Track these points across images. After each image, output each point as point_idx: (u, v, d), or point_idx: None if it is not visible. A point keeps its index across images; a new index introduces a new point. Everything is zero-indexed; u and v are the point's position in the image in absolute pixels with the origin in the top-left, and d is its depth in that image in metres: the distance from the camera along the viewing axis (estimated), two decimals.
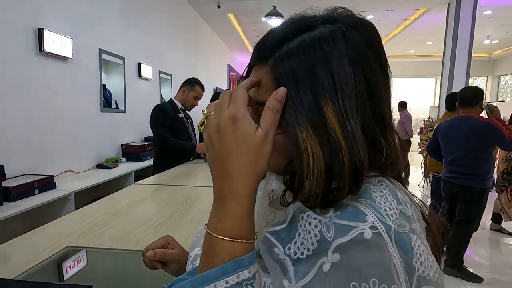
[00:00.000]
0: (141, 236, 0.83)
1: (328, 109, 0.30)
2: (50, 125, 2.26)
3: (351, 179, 0.31)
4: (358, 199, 0.31)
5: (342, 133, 0.30)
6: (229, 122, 0.30)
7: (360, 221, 0.29)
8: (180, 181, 1.46)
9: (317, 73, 0.31)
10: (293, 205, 0.34)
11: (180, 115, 2.25)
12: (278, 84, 0.32)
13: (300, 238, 0.31)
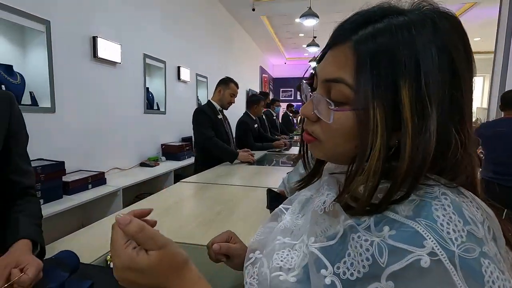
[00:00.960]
0: (194, 231, 0.87)
1: (404, 92, 0.30)
2: (101, 125, 2.44)
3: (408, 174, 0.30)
4: (416, 218, 0.28)
5: (411, 118, 0.30)
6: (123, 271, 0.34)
7: (418, 245, 0.26)
8: (222, 180, 1.51)
9: (401, 55, 0.31)
10: (344, 221, 0.33)
11: (219, 116, 2.32)
12: (359, 61, 0.32)
13: (350, 259, 0.30)
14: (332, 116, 0.34)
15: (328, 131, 0.36)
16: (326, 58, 0.37)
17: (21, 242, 0.57)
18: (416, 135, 0.30)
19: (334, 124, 0.35)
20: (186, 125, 3.96)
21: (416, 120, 0.30)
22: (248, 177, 1.58)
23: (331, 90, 0.35)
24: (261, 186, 1.41)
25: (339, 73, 0.34)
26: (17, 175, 0.69)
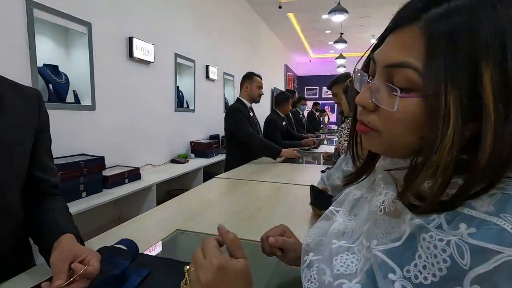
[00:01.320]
0: (238, 225, 0.87)
1: (487, 76, 0.27)
2: (135, 123, 2.54)
3: (488, 166, 0.27)
4: (501, 214, 0.26)
5: (495, 105, 0.27)
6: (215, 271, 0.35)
7: (507, 244, 0.24)
8: (256, 177, 1.50)
9: (484, 34, 0.27)
10: (410, 221, 0.31)
11: (250, 113, 2.32)
12: (431, 42, 0.29)
13: (422, 261, 0.28)
14: (396, 104, 0.32)
15: (389, 120, 0.33)
16: (387, 43, 0.35)
17: (67, 236, 0.57)
18: (499, 124, 0.27)
19: (397, 113, 0.32)
20: (213, 123, 4.02)
21: (501, 107, 0.27)
22: (281, 175, 1.57)
23: (393, 77, 0.33)
24: (296, 183, 1.39)
25: (404, 57, 0.31)
26: (44, 173, 0.67)
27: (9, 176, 0.58)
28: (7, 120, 0.57)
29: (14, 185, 0.60)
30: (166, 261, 0.63)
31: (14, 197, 0.60)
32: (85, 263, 0.50)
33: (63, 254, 0.50)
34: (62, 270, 0.48)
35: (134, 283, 0.54)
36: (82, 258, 0.51)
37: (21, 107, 0.61)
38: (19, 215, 0.62)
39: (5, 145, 0.56)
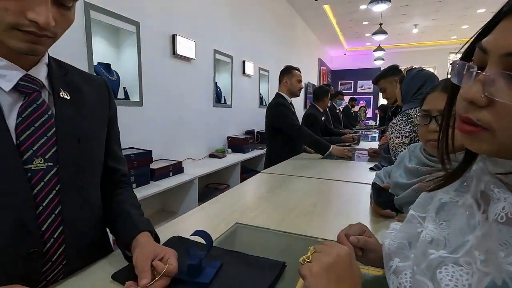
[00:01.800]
0: (296, 221, 0.85)
1: None
2: (177, 118, 2.62)
3: None
4: None
5: None
6: (346, 258, 0.42)
7: None
8: (302, 173, 1.48)
9: None
10: None
11: (292, 109, 2.29)
12: None
13: None
14: None
15: (509, 116, 0.29)
16: (503, 29, 0.31)
17: (144, 235, 0.59)
18: None
19: None
20: (249, 118, 4.04)
21: None
22: (326, 171, 1.53)
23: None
24: (345, 180, 1.34)
25: None
26: (116, 163, 0.69)
27: (90, 169, 0.60)
28: (86, 113, 0.59)
29: (94, 177, 0.62)
30: (235, 254, 0.63)
31: (95, 188, 0.63)
32: (164, 261, 0.52)
33: (144, 253, 0.52)
34: (145, 269, 0.50)
35: (210, 274, 0.55)
36: (161, 256, 0.53)
37: (94, 98, 0.63)
38: (98, 206, 0.65)
39: (86, 138, 0.58)
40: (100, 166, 0.64)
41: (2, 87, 0.48)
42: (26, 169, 0.49)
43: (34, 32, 0.44)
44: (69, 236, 0.54)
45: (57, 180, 0.52)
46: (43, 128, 0.51)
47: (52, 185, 0.51)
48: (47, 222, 0.51)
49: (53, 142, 0.52)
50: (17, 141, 0.48)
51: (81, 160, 0.57)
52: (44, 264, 0.52)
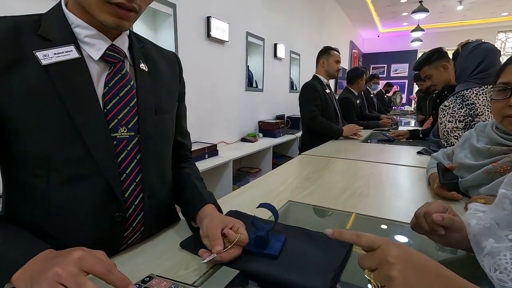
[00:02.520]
0: (351, 201, 0.82)
1: None
2: (211, 101, 2.63)
3: None
4: None
5: None
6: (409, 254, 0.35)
7: None
8: (345, 155, 1.43)
9: None
10: None
11: (327, 90, 2.22)
12: None
13: None
14: None
15: None
16: None
17: (210, 206, 0.60)
18: None
19: None
20: (279, 103, 3.99)
21: None
22: (371, 155, 1.46)
23: None
24: (392, 163, 1.27)
25: None
26: (183, 137, 0.72)
27: (165, 140, 0.62)
28: (162, 86, 0.60)
29: (168, 148, 0.64)
30: (298, 229, 0.62)
31: (168, 159, 0.65)
32: (234, 231, 0.52)
33: (214, 222, 0.53)
34: (217, 236, 0.50)
35: (278, 247, 0.54)
36: (230, 226, 0.53)
37: (168, 71, 0.64)
38: (170, 176, 0.67)
39: (162, 110, 0.59)
40: (172, 138, 0.66)
41: (92, 55, 0.50)
42: (113, 137, 0.50)
43: (123, 4, 0.44)
44: (148, 203, 0.56)
45: (138, 150, 0.54)
46: (126, 98, 0.52)
47: (134, 154, 0.53)
48: (129, 189, 0.53)
49: (134, 112, 0.53)
50: (104, 109, 0.50)
51: (158, 131, 0.58)
52: (126, 229, 0.54)
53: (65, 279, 0.33)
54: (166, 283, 0.42)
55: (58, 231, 0.48)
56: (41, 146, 0.46)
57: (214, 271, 0.50)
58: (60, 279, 0.33)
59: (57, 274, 0.34)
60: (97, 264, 0.36)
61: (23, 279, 0.36)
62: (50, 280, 0.33)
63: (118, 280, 0.36)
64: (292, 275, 0.46)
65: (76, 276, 0.34)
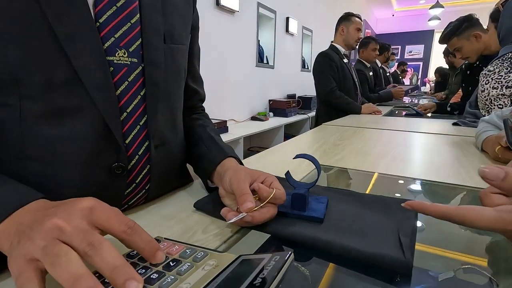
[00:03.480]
0: (397, 165, 0.70)
1: None
2: (220, 76, 2.48)
3: None
4: None
5: None
6: None
7: None
8: (373, 126, 1.28)
9: None
10: None
11: (344, 60, 2.04)
12: None
13: None
14: None
15: None
16: None
17: (232, 160, 0.49)
18: None
19: None
20: (290, 82, 3.81)
21: None
22: (398, 125, 1.31)
23: None
24: (429, 132, 1.13)
25: None
26: (196, 83, 0.60)
27: (176, 77, 0.49)
28: (174, 10, 0.47)
29: (179, 89, 0.52)
30: (339, 191, 0.49)
31: (179, 104, 0.52)
32: (266, 185, 0.39)
33: (239, 175, 0.40)
34: (246, 191, 0.37)
35: (321, 209, 0.41)
36: (261, 180, 0.41)
37: None
38: (181, 127, 0.55)
39: (172, 39, 0.46)
40: (184, 78, 0.53)
41: None
42: (109, 61, 0.38)
43: None
44: (155, 155, 0.44)
45: (142, 83, 0.41)
46: (126, 11, 0.39)
47: (136, 88, 0.41)
48: (131, 134, 0.41)
49: (137, 33, 0.40)
50: (96, 22, 0.37)
51: (167, 63, 0.45)
52: (128, 185, 0.43)
53: (70, 235, 0.22)
54: (179, 247, 0.30)
55: (38, 184, 0.35)
56: (8, 65, 0.33)
57: (240, 237, 0.37)
58: (62, 234, 0.22)
59: (58, 227, 0.23)
60: (114, 217, 0.25)
61: (7, 234, 0.25)
62: (47, 235, 0.22)
63: (143, 242, 0.25)
64: (353, 242, 0.33)
65: (86, 232, 0.23)
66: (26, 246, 0.22)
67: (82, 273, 0.20)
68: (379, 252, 0.31)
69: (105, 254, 0.21)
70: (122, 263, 0.21)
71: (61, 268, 0.20)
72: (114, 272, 0.21)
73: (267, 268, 0.23)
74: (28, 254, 0.22)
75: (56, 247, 0.21)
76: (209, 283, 0.24)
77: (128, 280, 0.20)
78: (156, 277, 0.25)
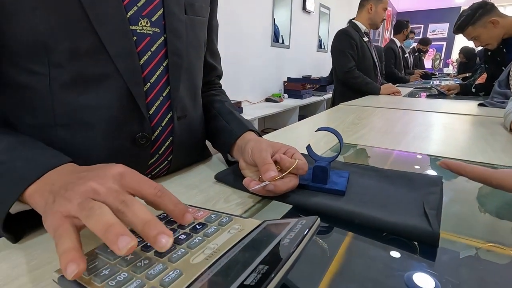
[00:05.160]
0: (420, 143, 0.67)
1: None
2: (234, 55, 2.45)
3: None
4: None
5: None
6: None
7: None
8: (393, 106, 1.25)
9: None
10: None
11: (364, 38, 1.96)
12: None
13: None
14: None
15: None
16: None
17: (252, 133, 0.49)
18: None
19: None
20: (307, 62, 3.71)
21: None
22: (423, 106, 1.26)
23: None
24: (452, 112, 1.08)
25: None
26: (213, 58, 0.59)
27: (197, 49, 0.49)
28: None
29: (199, 64, 0.51)
30: (360, 166, 0.49)
31: (199, 79, 0.52)
32: (288, 156, 0.39)
33: (261, 146, 0.40)
34: (268, 160, 0.37)
35: (342, 183, 0.41)
36: (283, 151, 0.40)
37: None
38: (201, 102, 0.55)
39: (194, 12, 0.46)
40: (203, 51, 0.53)
41: None
42: (132, 31, 0.38)
43: None
44: (177, 127, 0.45)
45: (165, 54, 0.42)
46: None
47: (159, 58, 0.41)
48: (155, 105, 0.42)
49: (159, 2, 0.40)
50: None
51: (188, 34, 0.45)
52: (151, 156, 0.44)
53: (104, 196, 0.23)
54: (204, 213, 0.31)
55: (67, 151, 0.36)
56: (38, 31, 0.33)
57: (262, 207, 0.38)
58: (97, 195, 0.23)
59: (93, 189, 0.24)
60: (145, 182, 0.26)
61: (41, 193, 0.26)
62: (83, 195, 0.23)
63: (172, 204, 0.26)
64: (377, 212, 0.33)
65: (118, 192, 0.24)
66: (63, 204, 0.23)
67: (114, 222, 0.21)
68: (405, 222, 0.30)
69: (137, 211, 0.22)
70: (153, 219, 0.22)
71: (95, 219, 0.21)
72: (146, 226, 0.21)
73: (294, 230, 0.24)
74: (65, 212, 0.23)
75: (91, 203, 0.22)
76: (235, 244, 0.24)
77: (160, 234, 0.21)
78: (184, 237, 0.26)
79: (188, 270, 0.22)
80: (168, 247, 0.21)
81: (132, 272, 0.22)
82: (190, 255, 0.24)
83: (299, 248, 0.21)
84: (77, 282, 0.22)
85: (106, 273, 0.22)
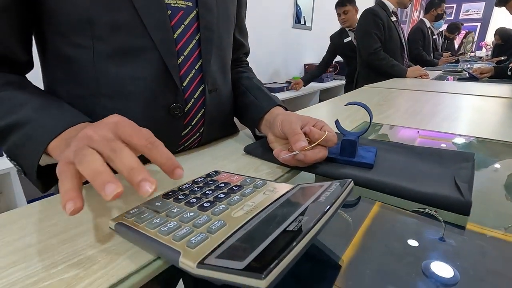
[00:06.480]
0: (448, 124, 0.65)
1: None
2: (254, 37, 2.41)
3: None
4: None
5: None
6: None
7: None
8: (419, 88, 1.20)
9: None
10: None
11: (392, 18, 1.87)
12: None
13: None
14: None
15: None
16: None
17: (280, 108, 0.50)
18: None
19: None
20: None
21: None
22: (453, 89, 1.21)
23: None
24: (485, 94, 1.03)
25: None
26: (242, 35, 0.60)
27: (227, 23, 0.50)
28: None
29: (229, 39, 0.52)
30: (388, 143, 0.49)
31: (228, 54, 0.53)
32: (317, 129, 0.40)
33: (290, 118, 0.41)
34: (298, 131, 0.38)
35: (371, 157, 0.41)
36: (312, 124, 0.41)
37: None
38: (230, 77, 0.56)
39: None
40: (233, 26, 0.54)
41: None
42: (167, 5, 0.40)
43: None
44: (209, 100, 0.47)
45: (197, 28, 0.43)
46: None
47: (192, 32, 0.43)
48: (188, 77, 0.44)
49: None
50: None
51: (219, 9, 0.46)
52: (185, 127, 0.46)
53: (97, 143, 0.25)
54: (238, 178, 0.32)
55: None
56: (82, 6, 0.36)
57: (291, 177, 0.39)
58: (91, 142, 0.25)
59: (88, 136, 0.26)
60: (136, 132, 0.27)
61: (59, 146, 0.31)
62: (79, 143, 0.26)
63: (163, 158, 0.26)
64: (408, 183, 0.33)
65: (109, 140, 0.25)
66: (65, 152, 0.26)
67: (102, 170, 0.22)
68: (436, 191, 0.31)
69: (124, 158, 0.23)
70: (139, 166, 0.23)
71: (85, 165, 0.23)
72: (131, 172, 0.23)
73: (329, 191, 0.25)
74: (67, 158, 0.25)
75: (84, 150, 0.24)
76: (272, 203, 0.26)
77: (143, 181, 0.22)
78: (223, 196, 0.28)
79: (231, 221, 0.24)
80: (150, 193, 0.22)
81: (180, 221, 0.24)
82: (231, 210, 0.26)
83: (335, 204, 0.22)
84: (132, 228, 0.24)
85: (157, 221, 0.24)
